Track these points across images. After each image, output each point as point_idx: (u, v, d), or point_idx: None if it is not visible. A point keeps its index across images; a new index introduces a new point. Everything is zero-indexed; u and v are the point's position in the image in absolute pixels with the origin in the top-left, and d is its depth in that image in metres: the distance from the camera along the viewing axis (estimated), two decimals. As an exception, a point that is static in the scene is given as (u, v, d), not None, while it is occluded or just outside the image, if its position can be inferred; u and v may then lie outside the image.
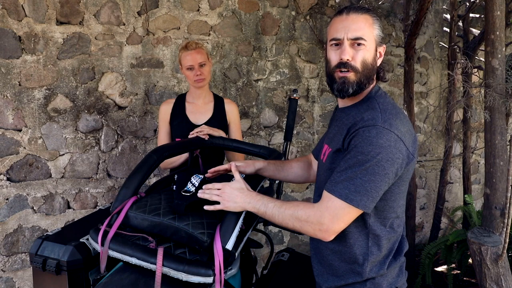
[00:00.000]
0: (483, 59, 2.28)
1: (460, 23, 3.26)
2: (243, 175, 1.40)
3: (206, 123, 1.99)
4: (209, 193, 1.20)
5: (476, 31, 3.25)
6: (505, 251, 2.02)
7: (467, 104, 3.02)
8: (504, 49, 2.12)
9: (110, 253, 1.11)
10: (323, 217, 1.04)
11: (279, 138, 3.08)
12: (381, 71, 1.19)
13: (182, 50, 1.95)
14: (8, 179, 2.36)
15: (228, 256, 1.10)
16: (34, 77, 2.35)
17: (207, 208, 1.18)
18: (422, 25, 2.65)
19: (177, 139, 1.91)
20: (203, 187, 1.23)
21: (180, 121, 2.01)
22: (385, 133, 1.01)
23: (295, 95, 2.04)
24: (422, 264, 2.92)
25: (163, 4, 2.60)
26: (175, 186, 1.35)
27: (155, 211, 1.17)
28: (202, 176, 1.38)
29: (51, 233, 1.41)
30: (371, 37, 1.10)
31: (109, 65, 2.51)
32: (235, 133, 2.11)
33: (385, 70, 3.24)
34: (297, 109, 2.91)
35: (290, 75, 3.05)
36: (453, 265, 3.09)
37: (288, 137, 2.07)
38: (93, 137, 2.53)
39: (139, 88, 2.60)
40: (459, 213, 3.52)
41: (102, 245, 1.11)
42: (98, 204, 2.58)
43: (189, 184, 1.31)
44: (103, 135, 2.54)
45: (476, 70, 3.17)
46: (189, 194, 1.24)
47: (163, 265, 1.05)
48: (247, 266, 1.71)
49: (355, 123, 1.07)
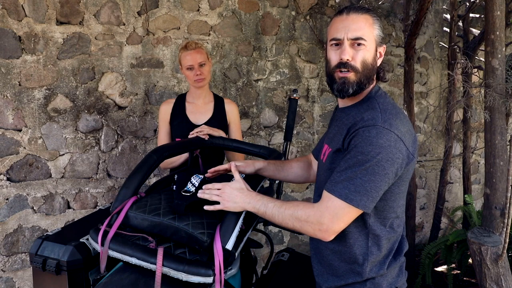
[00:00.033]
0: (483, 59, 2.28)
1: (460, 23, 3.26)
2: (243, 175, 1.40)
3: (206, 123, 1.99)
4: (209, 193, 1.20)
5: (476, 31, 3.25)
6: (505, 251, 2.02)
7: (467, 104, 3.02)
8: (504, 49, 2.12)
9: (110, 253, 1.11)
10: (323, 217, 1.04)
11: (279, 138, 3.08)
12: (381, 71, 1.19)
13: (182, 50, 1.96)
14: (8, 179, 2.36)
15: (228, 256, 1.10)
16: (34, 77, 2.35)
17: (207, 208, 1.18)
18: (422, 25, 2.65)
19: (177, 139, 1.91)
20: (203, 187, 1.23)
21: (180, 121, 2.01)
22: (385, 133, 1.01)
23: (295, 95, 2.04)
24: (422, 264, 2.92)
25: (163, 4, 2.60)
26: (175, 186, 1.35)
27: (155, 211, 1.17)
28: (202, 176, 1.38)
29: (51, 233, 1.40)
30: (371, 37, 1.10)
31: (109, 65, 2.51)
32: (235, 133, 2.11)
33: (385, 70, 3.25)
34: (297, 109, 2.92)
35: (290, 75, 3.05)
36: (453, 265, 3.09)
37: (288, 137, 2.07)
38: (93, 137, 2.53)
39: (139, 88, 2.60)
40: (459, 213, 3.52)
41: (102, 245, 1.11)
42: (98, 204, 2.58)
43: (189, 184, 1.31)
44: (103, 135, 2.54)
45: (476, 70, 3.17)
46: (189, 194, 1.24)
47: (163, 265, 1.05)
48: (247, 266, 1.71)
49: (355, 123, 1.07)
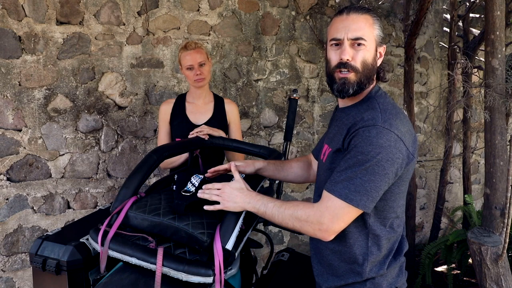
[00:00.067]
0: (483, 59, 2.28)
1: (460, 23, 3.26)
2: (243, 175, 1.40)
3: (206, 123, 1.99)
4: (208, 193, 1.20)
5: (476, 31, 3.25)
6: (505, 251, 2.02)
7: (467, 104, 3.02)
8: (504, 49, 2.12)
9: (110, 253, 1.11)
10: (323, 217, 1.04)
11: (279, 138, 3.08)
12: (381, 71, 1.19)
13: (181, 50, 1.96)
14: (8, 179, 2.36)
15: (228, 256, 1.10)
16: (34, 77, 2.35)
17: (206, 208, 1.18)
18: (422, 25, 2.65)
19: (177, 139, 1.91)
20: (203, 187, 1.23)
21: (180, 121, 2.01)
22: (385, 133, 1.01)
23: (295, 95, 2.04)
24: (422, 264, 2.92)
25: (163, 4, 2.60)
26: (175, 186, 1.35)
27: (155, 211, 1.17)
28: (202, 176, 1.38)
29: (51, 233, 1.40)
30: (371, 37, 1.10)
31: (109, 65, 2.51)
32: (235, 133, 2.11)
33: (385, 70, 3.25)
34: (297, 109, 2.92)
35: (290, 75, 3.05)
36: (453, 265, 3.09)
37: (288, 137, 2.07)
38: (93, 137, 2.53)
39: (139, 88, 2.60)
40: (459, 213, 3.52)
41: (102, 245, 1.11)
42: (98, 204, 2.58)
43: (189, 184, 1.31)
44: (103, 135, 2.54)
45: (476, 70, 3.17)
46: (189, 194, 1.24)
47: (163, 265, 1.05)
48: (247, 266, 1.71)
49: (355, 123, 1.07)
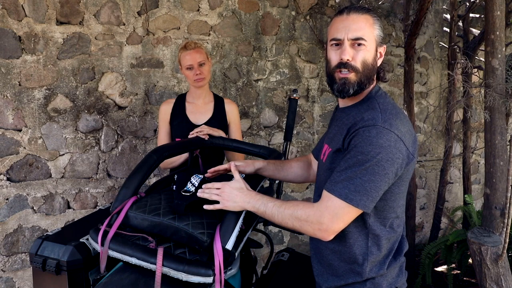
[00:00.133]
0: (483, 59, 2.28)
1: (460, 23, 3.26)
2: (243, 175, 1.40)
3: (206, 123, 1.99)
4: (208, 192, 1.20)
5: (476, 31, 3.25)
6: (505, 251, 2.02)
7: (467, 104, 3.02)
8: (504, 49, 2.12)
9: (110, 253, 1.11)
10: (322, 217, 1.04)
11: (279, 138, 3.08)
12: (381, 71, 1.19)
13: (181, 50, 1.96)
14: (8, 179, 2.36)
15: (228, 256, 1.09)
16: (34, 77, 2.35)
17: (206, 207, 1.18)
18: (422, 25, 2.65)
19: (177, 139, 1.91)
20: (203, 186, 1.23)
21: (180, 121, 2.01)
22: (385, 133, 1.01)
23: (295, 95, 2.04)
24: (422, 264, 2.92)
25: (163, 4, 2.60)
26: (175, 186, 1.35)
27: (155, 211, 1.17)
28: (202, 176, 1.38)
29: (51, 233, 1.40)
30: (372, 37, 1.10)
31: (109, 65, 2.51)
32: (235, 133, 2.11)
33: (385, 70, 3.25)
34: (297, 109, 2.92)
35: (290, 75, 3.05)
36: (453, 265, 3.09)
37: (288, 137, 2.07)
38: (93, 137, 2.53)
39: (139, 88, 2.60)
40: (459, 213, 3.52)
41: (102, 245, 1.11)
42: (98, 204, 2.58)
43: (189, 184, 1.31)
44: (103, 135, 2.54)
45: (476, 70, 3.17)
46: (189, 194, 1.24)
47: (163, 265, 1.05)
48: (247, 266, 1.71)
49: (355, 123, 1.07)
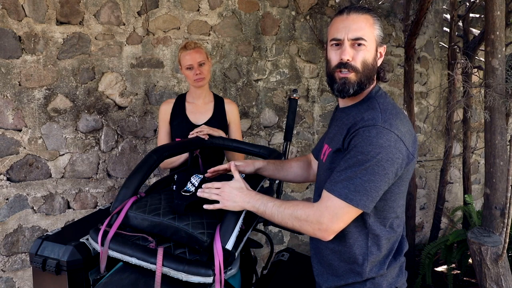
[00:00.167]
0: (483, 59, 2.28)
1: (460, 23, 3.25)
2: (243, 174, 1.40)
3: (206, 123, 1.99)
4: (208, 192, 1.20)
5: (476, 31, 3.25)
6: (505, 251, 2.02)
7: (467, 104, 3.02)
8: (504, 49, 2.12)
9: (110, 253, 1.11)
10: (322, 217, 1.04)
11: (279, 138, 3.08)
12: (381, 71, 1.19)
13: (181, 50, 1.96)
14: (8, 179, 2.36)
15: (228, 256, 1.09)
16: (34, 77, 2.35)
17: (206, 207, 1.17)
18: (422, 25, 2.65)
19: (177, 139, 1.91)
20: (203, 186, 1.23)
21: (180, 121, 2.01)
22: (385, 133, 1.01)
23: (295, 95, 2.04)
24: (422, 264, 2.92)
25: (163, 4, 2.60)
26: (175, 186, 1.35)
27: (155, 211, 1.17)
28: (201, 176, 1.38)
29: (51, 233, 1.40)
30: (372, 37, 1.10)
31: (109, 65, 2.51)
32: (235, 133, 2.11)
33: (385, 70, 3.24)
34: (297, 109, 2.91)
35: (290, 75, 3.05)
36: (453, 265, 3.09)
37: (288, 137, 2.07)
38: (93, 137, 2.53)
39: (139, 88, 2.60)
40: (459, 213, 3.52)
41: (102, 245, 1.11)
42: (98, 204, 2.58)
43: (189, 184, 1.31)
44: (103, 135, 2.54)
45: (476, 70, 3.17)
46: (189, 194, 1.24)
47: (163, 265, 1.05)
48: (247, 266, 1.71)
49: (355, 123, 1.07)
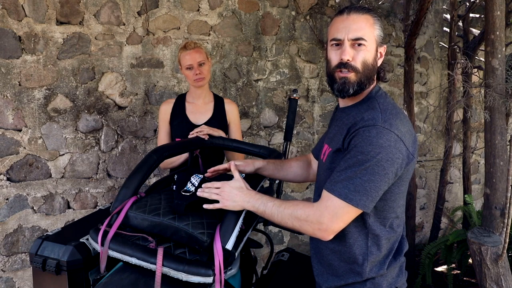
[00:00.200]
0: (483, 59, 2.28)
1: (460, 23, 3.25)
2: (243, 174, 1.40)
3: (206, 123, 1.99)
4: (208, 191, 1.20)
5: (476, 31, 3.25)
6: (505, 251, 2.02)
7: (467, 104, 3.02)
8: (504, 49, 2.12)
9: (110, 253, 1.11)
10: (322, 217, 1.04)
11: (279, 138, 3.08)
12: (381, 71, 1.19)
13: (181, 50, 1.96)
14: (8, 179, 2.36)
15: (228, 256, 1.09)
16: (34, 77, 2.35)
17: (206, 206, 1.17)
18: (422, 25, 2.65)
19: (177, 139, 1.91)
20: (202, 185, 1.23)
21: (180, 121, 2.01)
22: (385, 133, 1.01)
23: (295, 95, 2.04)
24: (422, 264, 2.92)
25: (163, 4, 2.60)
26: (175, 186, 1.35)
27: (155, 211, 1.17)
28: (202, 176, 1.38)
29: (51, 233, 1.40)
30: (372, 37, 1.10)
31: (109, 65, 2.51)
32: (235, 133, 2.11)
33: (386, 70, 3.24)
34: (297, 109, 2.91)
35: (290, 75, 3.05)
36: (453, 265, 3.09)
37: (288, 137, 2.07)
38: (93, 137, 2.53)
39: (139, 88, 2.60)
40: (459, 213, 3.52)
41: (102, 245, 1.11)
42: (98, 204, 2.58)
43: (189, 184, 1.31)
44: (103, 135, 2.54)
45: (476, 70, 3.17)
46: (189, 194, 1.24)
47: (163, 265, 1.05)
48: (247, 266, 1.71)
49: (355, 123, 1.07)
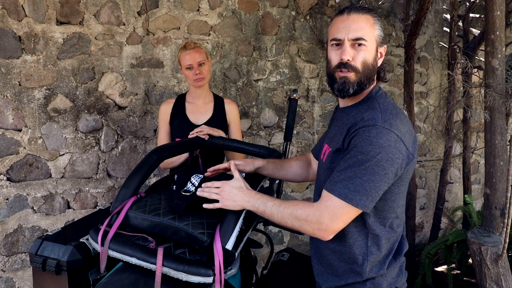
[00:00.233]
0: (483, 59, 2.28)
1: (460, 23, 3.25)
2: (243, 174, 1.40)
3: (206, 123, 1.99)
4: (208, 191, 1.20)
5: (476, 31, 3.25)
6: (505, 251, 2.02)
7: (467, 104, 3.02)
8: (504, 49, 2.12)
9: (110, 253, 1.11)
10: (322, 216, 1.04)
11: (279, 138, 3.07)
12: (381, 71, 1.19)
13: (181, 50, 1.96)
14: (8, 179, 2.35)
15: (228, 256, 1.09)
16: (34, 77, 2.35)
17: (206, 206, 1.17)
18: (422, 25, 2.65)
19: (177, 139, 1.91)
20: (202, 185, 1.23)
21: (180, 121, 2.01)
22: (385, 133, 1.01)
23: (295, 95, 2.04)
24: (422, 264, 2.92)
25: (163, 4, 2.60)
26: (175, 186, 1.35)
27: (155, 211, 1.17)
28: (202, 175, 1.38)
29: (51, 233, 1.40)
30: (372, 37, 1.10)
31: (109, 65, 2.51)
32: (235, 133, 2.11)
33: (386, 70, 3.25)
34: (297, 109, 2.92)
35: (290, 75, 3.05)
36: (453, 265, 3.09)
37: (288, 137, 2.07)
38: (93, 137, 2.53)
39: (139, 88, 2.60)
40: (459, 213, 3.52)
41: (102, 245, 1.11)
42: (98, 204, 2.58)
43: (189, 184, 1.31)
44: (103, 135, 2.54)
45: (476, 70, 3.17)
46: (189, 194, 1.24)
47: (163, 265, 1.05)
48: (247, 266, 1.71)
49: (355, 123, 1.07)
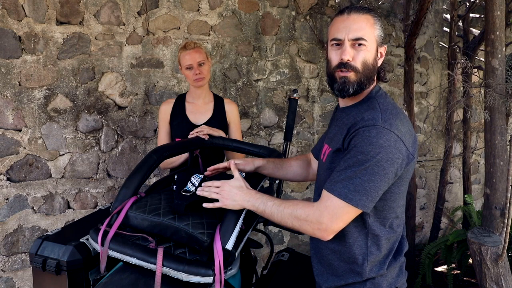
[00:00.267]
0: (483, 59, 2.28)
1: (460, 23, 3.26)
2: (243, 173, 1.40)
3: (206, 123, 1.99)
4: (208, 190, 1.20)
5: (476, 31, 3.25)
6: (505, 251, 2.02)
7: (467, 104, 3.02)
8: (504, 49, 2.12)
9: (110, 253, 1.11)
10: (322, 216, 1.04)
11: (279, 138, 3.08)
12: (381, 71, 1.19)
13: (181, 50, 1.96)
14: (8, 179, 2.35)
15: (228, 256, 1.09)
16: (34, 77, 2.35)
17: (206, 205, 1.17)
18: (422, 25, 2.65)
19: (177, 139, 1.91)
20: (202, 184, 1.23)
21: (180, 121, 2.01)
22: (385, 133, 1.01)
23: (295, 95, 2.04)
24: (422, 264, 2.92)
25: (163, 4, 2.60)
26: (175, 186, 1.35)
27: (155, 211, 1.17)
28: (202, 175, 1.38)
29: (51, 233, 1.40)
30: (372, 37, 1.10)
31: (109, 65, 2.51)
32: (235, 133, 2.11)
33: (386, 70, 3.25)
34: (297, 109, 2.92)
35: (290, 75, 3.05)
36: (453, 265, 3.09)
37: (288, 137, 2.07)
38: (93, 137, 2.53)
39: (139, 88, 2.60)
40: (459, 213, 3.52)
41: (102, 245, 1.11)
42: (98, 204, 2.58)
43: (189, 184, 1.31)
44: (103, 135, 2.54)
45: (476, 70, 3.17)
46: (189, 194, 1.24)
47: (163, 265, 1.05)
48: (247, 266, 1.71)
49: (355, 123, 1.07)
